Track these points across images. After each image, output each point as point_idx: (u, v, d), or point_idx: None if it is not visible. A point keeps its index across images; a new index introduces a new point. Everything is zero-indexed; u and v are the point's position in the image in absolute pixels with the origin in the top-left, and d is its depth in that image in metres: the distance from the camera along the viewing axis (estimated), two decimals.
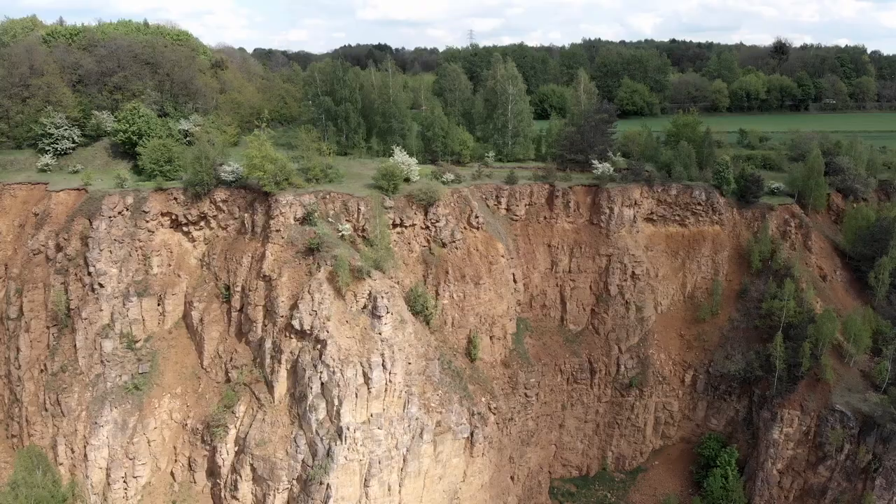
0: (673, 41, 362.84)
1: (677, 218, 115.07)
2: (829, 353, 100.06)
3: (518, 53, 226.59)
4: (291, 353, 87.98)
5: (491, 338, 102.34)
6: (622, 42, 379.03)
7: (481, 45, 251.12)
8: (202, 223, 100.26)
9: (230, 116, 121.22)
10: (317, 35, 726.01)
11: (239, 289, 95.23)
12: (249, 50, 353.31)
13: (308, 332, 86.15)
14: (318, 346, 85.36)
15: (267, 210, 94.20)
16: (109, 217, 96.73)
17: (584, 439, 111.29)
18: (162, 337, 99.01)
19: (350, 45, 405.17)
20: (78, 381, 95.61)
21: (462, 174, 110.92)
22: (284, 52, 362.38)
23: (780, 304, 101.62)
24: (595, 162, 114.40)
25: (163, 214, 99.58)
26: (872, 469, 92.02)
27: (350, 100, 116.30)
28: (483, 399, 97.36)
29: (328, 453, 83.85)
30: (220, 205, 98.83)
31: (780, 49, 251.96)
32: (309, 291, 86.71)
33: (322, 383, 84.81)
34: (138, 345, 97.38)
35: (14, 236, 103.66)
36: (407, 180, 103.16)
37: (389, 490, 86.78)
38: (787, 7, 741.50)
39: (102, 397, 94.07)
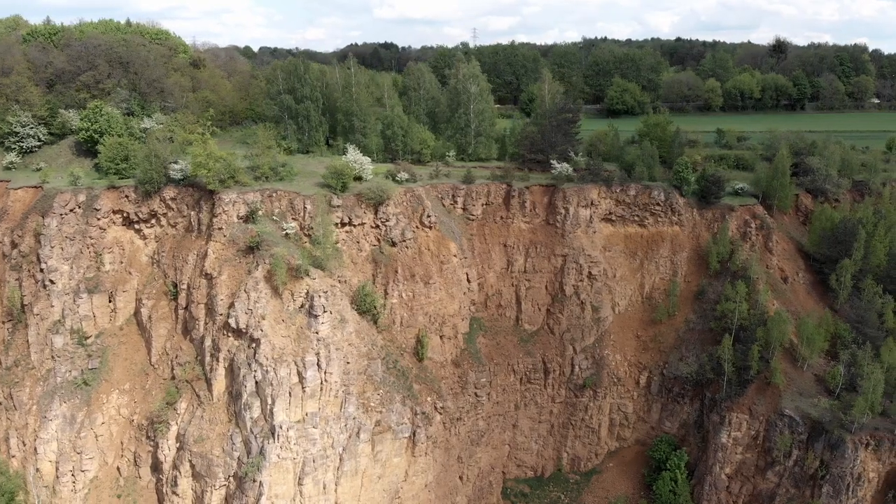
0: (678, 39, 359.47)
1: (636, 218, 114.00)
2: (781, 357, 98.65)
3: (509, 52, 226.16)
4: (229, 351, 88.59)
5: (441, 337, 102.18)
6: (629, 41, 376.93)
7: (484, 44, 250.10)
8: (153, 221, 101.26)
9: (195, 115, 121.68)
10: (333, 34, 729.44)
11: (185, 286, 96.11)
12: (255, 48, 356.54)
13: (244, 330, 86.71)
14: (253, 345, 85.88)
15: (211, 208, 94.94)
16: (61, 214, 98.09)
17: (538, 440, 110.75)
18: (113, 333, 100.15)
19: (357, 44, 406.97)
20: (30, 375, 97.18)
21: (419, 173, 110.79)
22: (291, 51, 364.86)
23: (731, 305, 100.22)
24: (554, 162, 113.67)
25: (114, 212, 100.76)
26: (820, 476, 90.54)
27: (311, 98, 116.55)
28: (429, 399, 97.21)
29: (261, 451, 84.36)
30: (170, 203, 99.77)
31: (778, 48, 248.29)
32: (245, 290, 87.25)
33: (256, 382, 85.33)
34: (89, 341, 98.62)
35: None
36: (359, 179, 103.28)
37: (325, 489, 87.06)
38: (806, 6, 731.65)
39: (52, 392, 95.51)
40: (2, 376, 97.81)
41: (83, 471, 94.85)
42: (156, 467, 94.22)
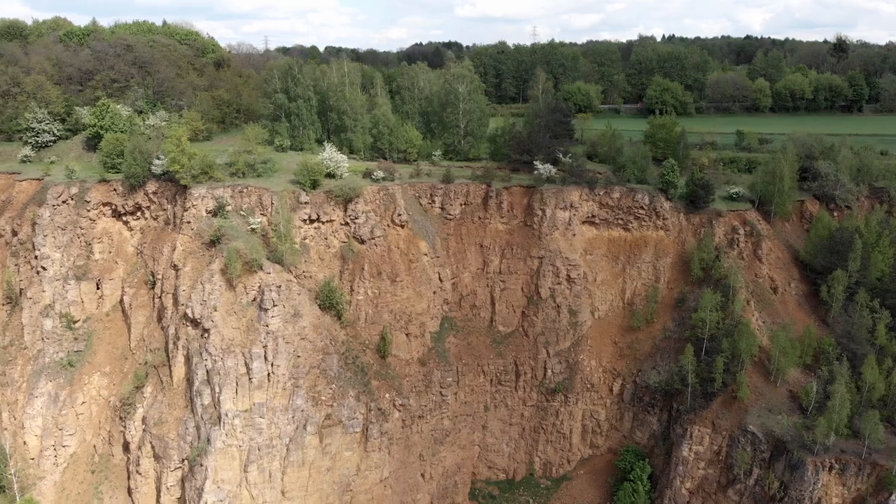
0: (747, 37, 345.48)
1: (620, 222, 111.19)
2: (752, 370, 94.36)
3: (547, 51, 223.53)
4: (187, 339, 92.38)
5: (407, 335, 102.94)
6: (697, 38, 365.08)
7: (537, 42, 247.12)
8: (138, 213, 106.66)
9: (198, 113, 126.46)
10: (415, 33, 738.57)
11: (160, 276, 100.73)
12: (340, 47, 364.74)
13: (198, 320, 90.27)
14: (205, 335, 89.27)
15: (184, 202, 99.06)
16: (54, 205, 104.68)
17: (509, 442, 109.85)
18: (99, 319, 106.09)
19: (421, 44, 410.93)
20: (22, 355, 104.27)
21: (400, 172, 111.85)
22: (354, 51, 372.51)
23: (703, 314, 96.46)
24: (537, 163, 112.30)
25: (104, 204, 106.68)
26: (778, 498, 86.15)
27: (303, 97, 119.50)
28: (387, 395, 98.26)
29: (208, 437, 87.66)
30: (152, 196, 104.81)
31: (839, 47, 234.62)
32: (201, 282, 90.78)
33: (207, 371, 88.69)
34: (77, 325, 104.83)
35: None
36: (332, 176, 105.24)
37: (271, 477, 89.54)
38: None
39: (40, 371, 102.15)
40: None
41: (64, 446, 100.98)
42: (126, 447, 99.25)
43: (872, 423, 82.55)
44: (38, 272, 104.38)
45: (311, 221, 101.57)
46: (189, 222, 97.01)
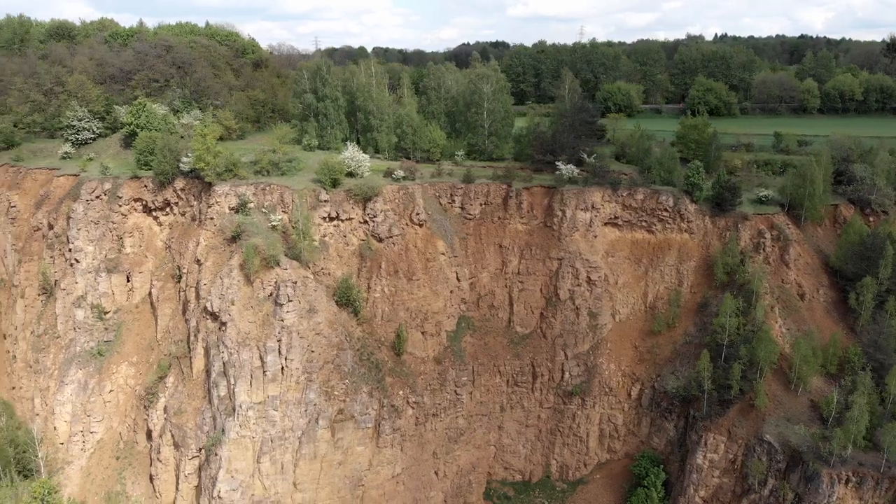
0: (802, 36, 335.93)
1: (644, 224, 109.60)
2: (772, 378, 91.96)
3: (588, 51, 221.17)
4: (206, 332, 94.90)
5: (423, 333, 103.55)
6: (751, 37, 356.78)
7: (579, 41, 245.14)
8: (167, 209, 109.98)
9: (232, 112, 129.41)
10: (466, 34, 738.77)
11: (185, 271, 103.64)
12: (393, 48, 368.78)
13: (216, 314, 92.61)
14: (222, 328, 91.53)
15: (207, 199, 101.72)
16: (87, 200, 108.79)
17: (526, 444, 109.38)
18: (129, 310, 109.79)
19: (468, 44, 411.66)
20: (55, 343, 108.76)
21: (422, 171, 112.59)
22: (401, 51, 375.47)
23: (722, 320, 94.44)
24: (559, 163, 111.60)
25: (135, 200, 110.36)
26: None
27: (331, 97, 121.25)
28: (401, 392, 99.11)
29: (223, 428, 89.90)
30: (180, 193, 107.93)
31: (892, 47, 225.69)
32: (220, 276, 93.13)
33: (223, 363, 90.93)
34: (107, 315, 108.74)
35: (29, 214, 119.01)
36: (353, 175, 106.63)
37: (283, 469, 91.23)
38: None
39: (71, 359, 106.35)
40: (33, 343, 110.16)
41: (91, 432, 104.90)
42: (149, 435, 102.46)
43: (893, 436, 79.63)
44: (71, 264, 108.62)
45: (331, 219, 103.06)
46: (212, 218, 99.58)
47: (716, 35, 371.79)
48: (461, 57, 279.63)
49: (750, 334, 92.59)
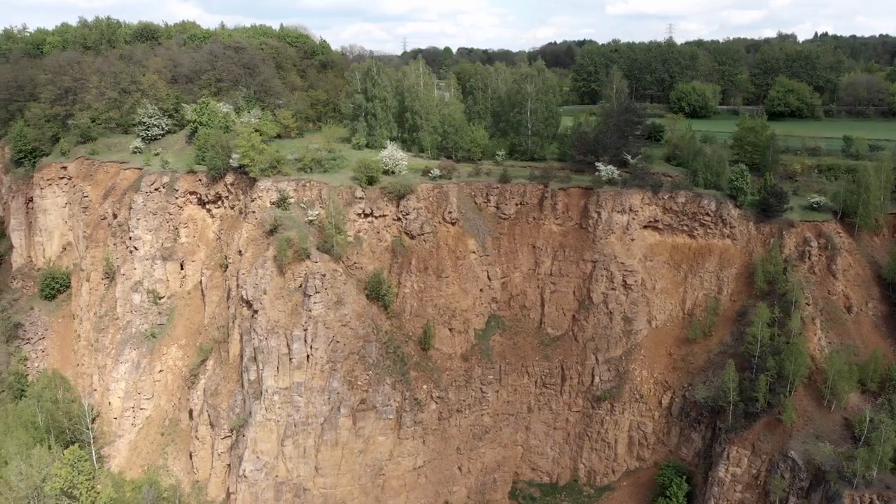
0: None
1: (685, 228, 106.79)
2: (803, 393, 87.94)
3: (664, 50, 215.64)
4: (241, 319, 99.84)
5: (451, 330, 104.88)
6: (853, 37, 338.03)
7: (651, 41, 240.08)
8: (218, 202, 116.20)
9: (290, 112, 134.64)
10: (563, 32, 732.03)
11: (230, 261, 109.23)
12: (489, 49, 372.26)
13: (250, 302, 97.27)
14: (254, 316, 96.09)
15: (251, 193, 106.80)
16: (146, 192, 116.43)
17: (553, 446, 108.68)
18: (181, 296, 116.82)
19: (556, 43, 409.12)
20: (114, 324, 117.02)
21: (461, 171, 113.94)
22: (486, 51, 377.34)
23: (754, 330, 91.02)
24: (599, 164, 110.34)
25: (190, 193, 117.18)
26: None
27: (379, 97, 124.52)
28: (425, 386, 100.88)
29: (251, 410, 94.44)
30: (230, 187, 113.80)
31: None
32: (256, 267, 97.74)
33: (254, 349, 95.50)
34: (161, 300, 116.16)
35: (98, 204, 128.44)
36: (389, 173, 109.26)
37: (305, 453, 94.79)
38: None
39: (126, 340, 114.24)
40: (95, 323, 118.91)
41: (141, 409, 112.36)
42: (190, 414, 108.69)
43: None
44: (130, 252, 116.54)
45: (366, 216, 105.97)
46: (254, 212, 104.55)
47: (815, 34, 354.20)
48: (547, 56, 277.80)
49: (781, 346, 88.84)
